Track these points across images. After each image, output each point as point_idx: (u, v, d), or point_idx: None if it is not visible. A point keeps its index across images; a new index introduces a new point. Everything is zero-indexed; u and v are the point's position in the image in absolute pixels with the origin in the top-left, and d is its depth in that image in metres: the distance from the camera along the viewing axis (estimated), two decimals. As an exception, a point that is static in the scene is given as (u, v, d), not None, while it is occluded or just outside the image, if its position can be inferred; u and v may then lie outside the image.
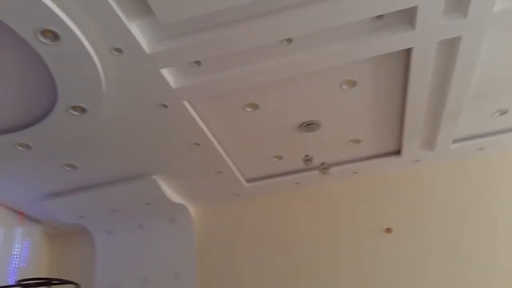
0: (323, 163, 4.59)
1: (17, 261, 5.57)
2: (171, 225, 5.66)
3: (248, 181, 5.42)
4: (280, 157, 4.92)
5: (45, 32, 2.71)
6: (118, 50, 3.00)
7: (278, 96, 3.82)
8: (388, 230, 5.14)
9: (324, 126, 4.29)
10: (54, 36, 2.74)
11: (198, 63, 3.31)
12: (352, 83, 3.72)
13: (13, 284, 4.57)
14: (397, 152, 4.98)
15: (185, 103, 3.72)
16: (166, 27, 2.92)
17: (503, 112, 4.35)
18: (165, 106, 3.70)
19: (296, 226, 5.47)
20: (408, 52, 3.35)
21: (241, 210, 5.77)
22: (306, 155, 4.55)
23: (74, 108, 3.46)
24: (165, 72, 3.32)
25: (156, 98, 3.60)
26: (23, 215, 5.72)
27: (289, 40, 3.13)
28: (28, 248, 5.80)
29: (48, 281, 4.42)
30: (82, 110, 3.49)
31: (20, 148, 4.01)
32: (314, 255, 5.27)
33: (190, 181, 5.18)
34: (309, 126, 4.23)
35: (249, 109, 3.96)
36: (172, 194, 5.35)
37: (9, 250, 5.48)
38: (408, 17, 3.01)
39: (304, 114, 4.13)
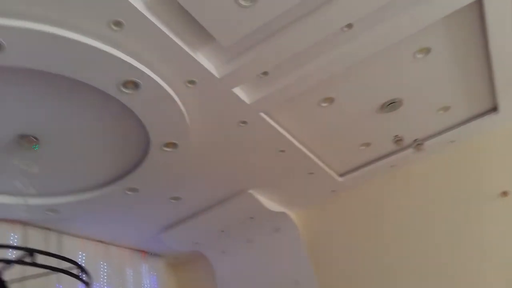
0: (415, 140, 4.39)
1: (149, 295, 6.06)
2: (277, 234, 5.78)
3: (341, 175, 5.36)
4: (367, 144, 4.80)
5: (126, 84, 2.99)
6: (192, 82, 3.21)
7: (351, 83, 3.76)
8: (504, 194, 4.71)
9: (406, 101, 4.12)
10: (135, 85, 3.01)
11: (265, 73, 3.39)
12: (426, 50, 3.54)
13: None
14: (494, 109, 4.59)
15: (262, 114, 3.83)
16: (229, 48, 3.06)
17: None
18: (244, 122, 3.84)
19: (402, 208, 5.24)
20: (479, 1, 3.11)
21: (341, 205, 5.70)
22: (396, 136, 4.39)
23: (167, 145, 3.74)
24: (238, 91, 3.46)
25: (235, 117, 3.76)
26: (145, 253, 6.24)
27: (349, 26, 3.09)
28: (156, 282, 6.28)
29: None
30: (174, 145, 3.76)
31: (129, 193, 4.41)
32: (429, 234, 4.98)
33: (285, 187, 5.26)
34: (390, 105, 4.09)
35: (325, 104, 3.95)
36: (271, 204, 5.47)
37: (140, 287, 5.99)
38: (470, -36, 2.81)
39: (382, 95, 4.01)
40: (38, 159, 3.56)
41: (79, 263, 3.59)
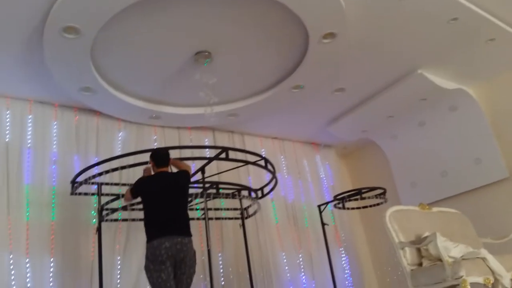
0: None
1: (326, 181, 6.52)
2: (453, 113, 5.34)
3: (532, 35, 4.48)
4: None
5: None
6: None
7: None
8: None
9: None
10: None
11: None
12: None
13: (332, 199, 5.37)
14: None
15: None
16: None
17: None
18: (407, -5, 3.46)
19: None
20: None
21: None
22: None
23: (325, 36, 3.68)
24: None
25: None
26: (316, 145, 6.61)
27: None
28: (330, 170, 6.67)
29: (359, 191, 5.00)
30: (332, 35, 3.68)
31: (295, 90, 4.61)
32: None
33: (460, 61, 4.70)
34: None
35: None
36: (444, 82, 5.01)
37: (317, 175, 6.46)
38: None
39: None
40: (214, 71, 3.96)
41: (264, 156, 4.06)
